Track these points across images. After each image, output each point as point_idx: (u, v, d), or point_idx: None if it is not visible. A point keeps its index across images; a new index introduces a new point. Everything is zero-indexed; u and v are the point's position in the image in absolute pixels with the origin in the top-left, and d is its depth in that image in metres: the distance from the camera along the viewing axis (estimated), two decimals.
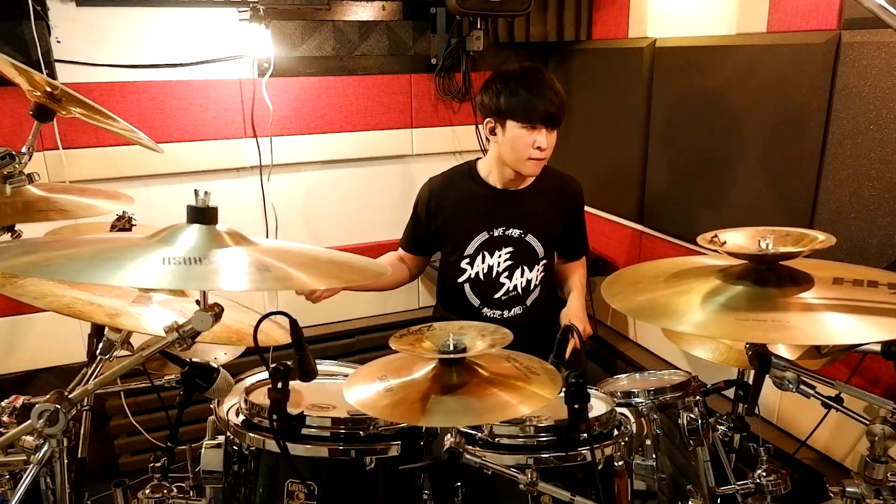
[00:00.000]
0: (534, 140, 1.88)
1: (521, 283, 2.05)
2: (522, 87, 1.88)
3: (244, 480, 1.30)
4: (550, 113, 1.88)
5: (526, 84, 1.89)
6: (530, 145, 1.89)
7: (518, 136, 1.90)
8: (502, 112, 1.92)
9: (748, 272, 1.09)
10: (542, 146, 1.89)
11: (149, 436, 2.52)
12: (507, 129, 1.92)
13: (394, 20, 2.69)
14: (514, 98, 1.89)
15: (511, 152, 1.93)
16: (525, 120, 1.88)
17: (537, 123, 1.88)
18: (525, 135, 1.89)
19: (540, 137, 1.88)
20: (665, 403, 1.53)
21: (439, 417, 1.16)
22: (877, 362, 1.59)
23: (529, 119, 1.87)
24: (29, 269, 1.01)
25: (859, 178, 1.66)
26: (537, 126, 1.88)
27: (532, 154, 1.90)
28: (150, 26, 2.36)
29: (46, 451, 1.10)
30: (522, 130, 1.89)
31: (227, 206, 1.17)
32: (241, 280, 1.00)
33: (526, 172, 1.96)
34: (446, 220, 2.05)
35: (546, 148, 1.90)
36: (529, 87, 1.88)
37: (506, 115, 1.91)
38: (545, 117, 1.87)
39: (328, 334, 2.78)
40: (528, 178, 2.03)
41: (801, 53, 1.76)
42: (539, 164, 1.94)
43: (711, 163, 2.11)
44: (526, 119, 1.88)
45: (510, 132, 1.91)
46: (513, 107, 1.89)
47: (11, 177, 1.42)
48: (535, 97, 1.87)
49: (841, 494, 1.11)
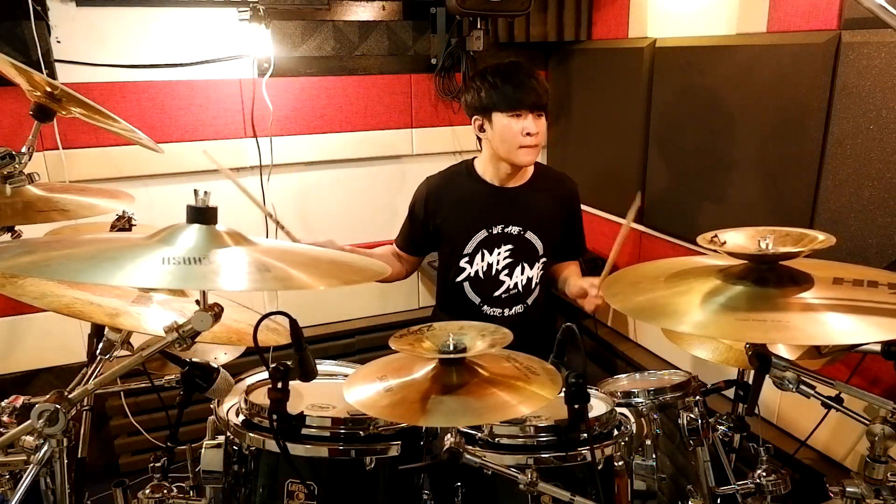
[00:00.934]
0: (522, 127, 1.90)
1: (522, 281, 2.05)
2: (502, 79, 1.92)
3: (244, 480, 1.30)
4: (534, 98, 1.90)
5: (505, 76, 1.92)
6: (519, 133, 1.90)
7: (506, 125, 1.91)
8: (487, 107, 1.94)
9: (748, 272, 1.09)
10: (532, 131, 1.90)
11: (149, 436, 2.52)
12: (494, 122, 1.93)
13: (394, 20, 2.69)
14: (495, 91, 1.92)
15: (503, 144, 1.93)
16: (509, 108, 1.90)
17: (522, 109, 1.90)
18: (513, 123, 1.90)
19: (527, 123, 1.90)
20: (665, 403, 1.53)
21: (439, 417, 1.16)
22: (877, 362, 1.59)
23: (513, 106, 1.90)
24: (29, 269, 1.01)
25: (859, 178, 1.66)
26: (522, 112, 1.90)
27: (523, 142, 1.91)
28: (150, 26, 2.36)
29: (46, 451, 1.10)
30: (510, 119, 1.91)
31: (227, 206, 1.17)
32: (241, 280, 1.00)
33: (521, 162, 1.96)
34: (445, 219, 2.06)
35: (536, 133, 1.91)
36: (509, 78, 1.91)
37: (491, 109, 1.93)
38: (529, 103, 1.90)
39: (328, 334, 2.78)
40: (526, 174, 2.04)
41: (801, 53, 1.76)
42: (533, 152, 1.95)
43: (711, 163, 2.11)
44: (510, 107, 1.90)
45: (498, 124, 1.93)
46: (496, 99, 1.91)
47: (11, 177, 1.42)
48: (515, 86, 1.90)
49: (841, 494, 1.11)
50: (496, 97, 1.91)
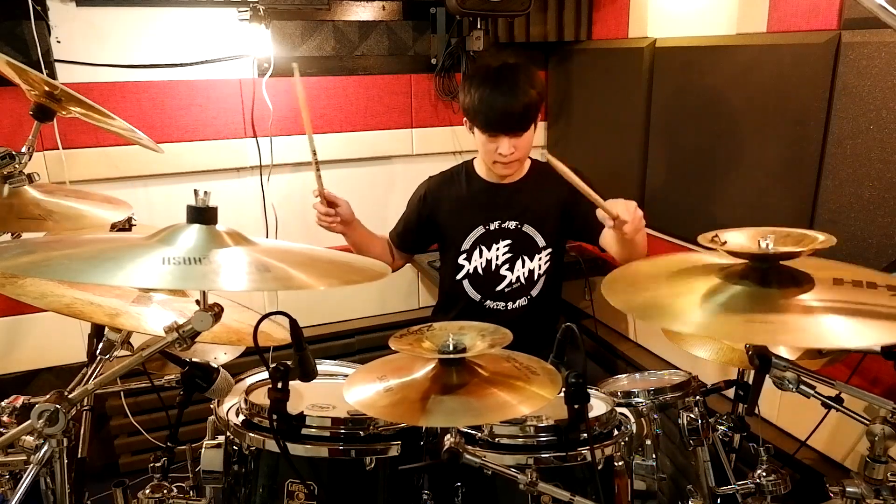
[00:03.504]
0: (495, 147, 1.86)
1: (524, 274, 2.05)
2: (487, 93, 1.82)
3: (244, 480, 1.31)
4: (511, 122, 1.82)
5: (490, 90, 1.82)
6: (493, 151, 1.88)
7: (482, 140, 1.89)
8: (469, 114, 1.91)
9: (748, 272, 1.09)
10: (504, 153, 1.86)
11: (149, 436, 2.52)
12: (475, 131, 1.92)
13: (394, 20, 2.69)
14: (476, 102, 1.84)
15: (482, 154, 1.95)
16: (484, 129, 1.86)
17: (495, 131, 1.84)
18: (487, 140, 1.87)
19: (501, 145, 1.85)
20: (665, 403, 1.53)
21: (439, 417, 1.16)
22: (877, 362, 1.59)
23: (488, 126, 1.84)
24: (29, 269, 1.01)
25: (859, 178, 1.66)
26: (496, 134, 1.85)
27: (497, 158, 1.88)
28: (150, 26, 2.36)
29: (46, 451, 1.10)
30: (484, 136, 1.87)
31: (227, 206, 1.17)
32: (241, 280, 1.00)
33: (497, 173, 1.96)
34: (443, 218, 2.06)
35: (509, 153, 1.86)
36: (491, 90, 1.82)
37: (471, 119, 1.90)
38: (503, 124, 1.82)
39: (328, 334, 2.78)
40: (522, 170, 2.04)
41: (801, 53, 1.76)
42: (509, 167, 1.93)
43: (711, 163, 2.11)
44: (484, 128, 1.85)
45: (477, 135, 1.92)
46: (475, 111, 1.86)
47: (11, 177, 1.41)
48: (495, 101, 1.81)
49: (841, 494, 1.11)
50: (475, 110, 1.85)
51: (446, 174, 2.13)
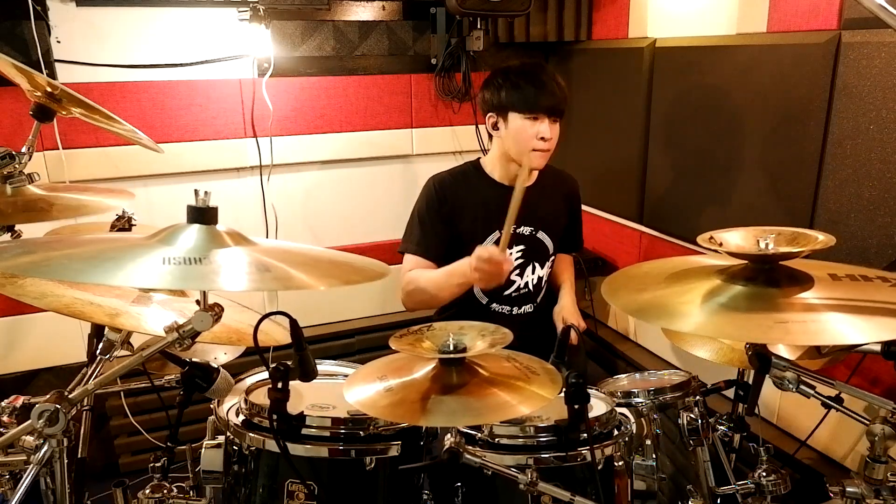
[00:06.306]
0: (537, 131, 1.88)
1: (533, 281, 2.05)
2: (524, 80, 1.89)
3: (244, 480, 1.30)
4: (552, 103, 1.88)
5: (528, 77, 1.90)
6: (534, 136, 1.88)
7: (521, 127, 1.90)
8: (504, 105, 1.92)
9: (748, 272, 1.09)
10: (546, 136, 1.88)
11: (149, 436, 2.52)
12: (509, 121, 1.92)
13: (394, 20, 2.69)
14: (516, 91, 1.89)
15: (515, 146, 1.92)
16: (527, 110, 1.88)
17: (540, 113, 1.88)
18: (528, 125, 1.89)
19: (543, 127, 1.88)
20: (665, 403, 1.53)
21: (439, 417, 1.16)
22: (877, 362, 1.59)
23: (532, 109, 1.88)
24: (29, 269, 1.01)
25: (859, 178, 1.66)
26: (540, 116, 1.88)
27: (536, 145, 1.89)
28: (150, 26, 2.36)
29: (46, 451, 1.10)
30: (525, 121, 1.89)
31: (227, 206, 1.17)
32: (241, 280, 1.00)
33: (530, 165, 1.93)
34: (462, 221, 2.00)
35: (549, 138, 1.90)
36: (531, 80, 1.89)
37: (508, 108, 1.91)
38: (547, 107, 1.88)
39: (328, 334, 2.78)
40: (534, 174, 2.03)
41: (801, 53, 1.76)
42: (544, 157, 1.94)
43: (712, 163, 2.11)
44: (528, 109, 1.88)
45: (513, 124, 1.91)
46: (515, 99, 1.89)
47: (11, 177, 1.41)
48: (537, 88, 1.88)
49: (841, 494, 1.11)
50: (515, 97, 1.89)
51: (453, 173, 2.07)
